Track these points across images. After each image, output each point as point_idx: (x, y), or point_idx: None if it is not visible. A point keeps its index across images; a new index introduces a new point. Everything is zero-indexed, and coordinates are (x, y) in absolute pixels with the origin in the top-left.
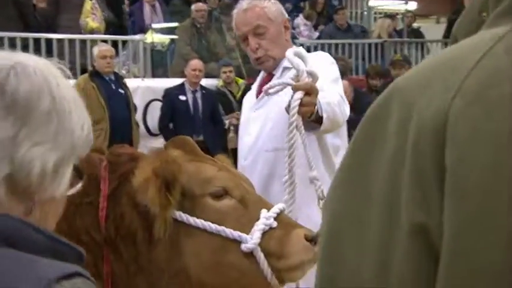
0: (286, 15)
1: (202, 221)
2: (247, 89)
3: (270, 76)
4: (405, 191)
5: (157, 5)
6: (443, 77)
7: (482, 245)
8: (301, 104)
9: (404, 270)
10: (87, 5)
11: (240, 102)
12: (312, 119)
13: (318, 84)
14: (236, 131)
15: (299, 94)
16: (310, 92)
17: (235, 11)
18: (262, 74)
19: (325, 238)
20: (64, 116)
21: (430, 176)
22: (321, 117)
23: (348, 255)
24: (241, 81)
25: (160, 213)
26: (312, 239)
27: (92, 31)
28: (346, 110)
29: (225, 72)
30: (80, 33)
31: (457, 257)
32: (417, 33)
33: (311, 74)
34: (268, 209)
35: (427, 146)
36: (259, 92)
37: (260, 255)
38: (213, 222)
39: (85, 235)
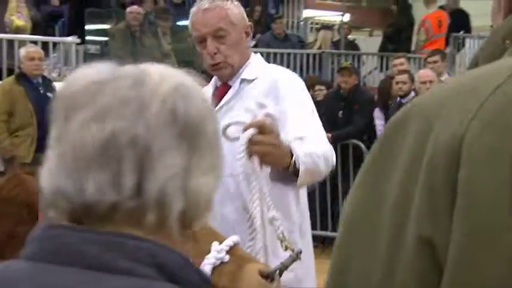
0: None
1: None
2: None
3: (225, 87)
4: (416, 204)
5: None
6: (463, 98)
7: (488, 259)
8: (252, 143)
9: (408, 279)
10: (12, 3)
11: None
12: (289, 169)
13: (295, 121)
14: None
15: (250, 131)
16: (263, 130)
17: (193, 10)
18: (215, 82)
19: (339, 239)
20: (219, 138)
21: (442, 192)
22: (298, 169)
23: (357, 259)
24: None
25: None
26: (267, 276)
27: (18, 30)
28: (332, 160)
29: None
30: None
31: (462, 270)
32: (353, 45)
33: (270, 116)
34: (221, 242)
35: (442, 164)
36: (218, 102)
37: None
38: None
39: None
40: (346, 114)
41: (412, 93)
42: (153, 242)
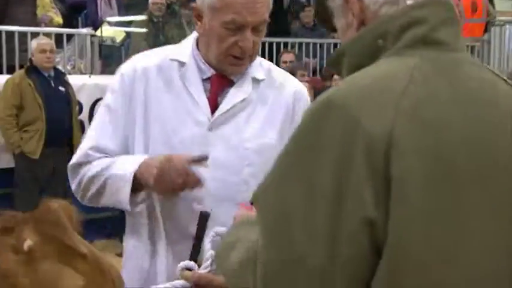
0: None
1: None
2: None
3: (225, 80)
4: (357, 189)
5: None
6: (380, 97)
7: (419, 238)
8: None
9: (350, 255)
10: None
11: None
12: None
13: None
14: None
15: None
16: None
17: None
18: (199, 70)
19: (271, 228)
20: None
21: (380, 180)
22: None
23: (296, 242)
24: None
25: None
26: None
27: (58, 25)
28: None
29: None
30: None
31: (397, 250)
32: None
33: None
34: None
35: (378, 156)
36: (212, 101)
37: None
38: None
39: None
40: None
41: None
42: None
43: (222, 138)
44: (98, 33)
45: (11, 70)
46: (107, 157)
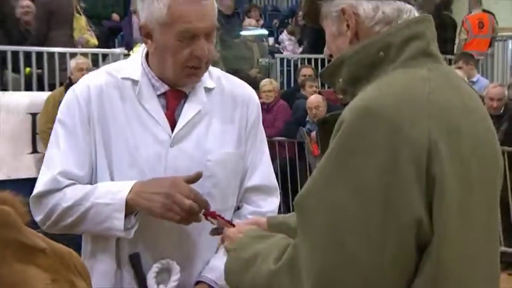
0: None
1: None
2: None
3: (179, 93)
4: (405, 190)
5: None
6: (412, 105)
7: (456, 234)
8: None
9: (399, 253)
10: (81, 21)
11: None
12: None
13: (260, 167)
14: None
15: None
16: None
17: None
18: (152, 86)
19: (320, 232)
20: None
21: (424, 181)
22: None
23: (347, 244)
24: None
25: None
26: None
27: (94, 47)
28: None
29: None
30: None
31: (445, 242)
32: None
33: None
34: None
35: (421, 159)
36: (170, 116)
37: None
38: None
39: None
40: None
41: None
42: None
43: (185, 153)
44: (131, 52)
45: (52, 87)
46: (76, 184)
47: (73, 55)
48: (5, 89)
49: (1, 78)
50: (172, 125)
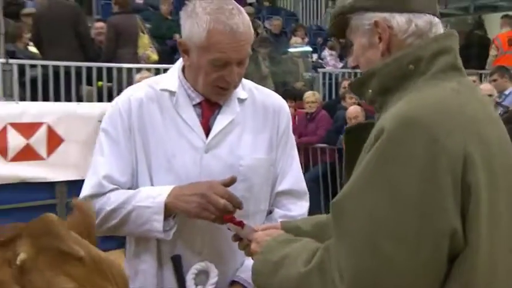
0: None
1: None
2: None
3: (213, 104)
4: (442, 199)
5: None
6: (447, 116)
7: (494, 237)
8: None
9: (431, 260)
10: (145, 39)
11: None
12: None
13: (291, 172)
14: None
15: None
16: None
17: (216, 21)
18: (188, 97)
19: (361, 234)
20: None
21: (460, 190)
22: None
23: (384, 248)
24: None
25: None
26: None
27: (154, 62)
28: None
29: None
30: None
31: (479, 251)
32: None
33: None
34: None
35: (457, 169)
36: (205, 125)
37: None
38: None
39: None
40: None
41: None
42: None
43: (219, 158)
44: None
45: None
46: (119, 189)
47: (138, 70)
48: (80, 101)
49: (77, 91)
50: (207, 132)
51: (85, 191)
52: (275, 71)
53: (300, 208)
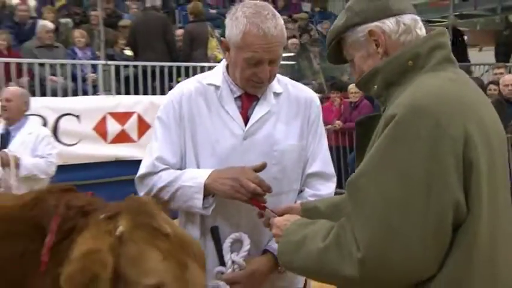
0: None
1: None
2: (321, 101)
3: (251, 97)
4: (445, 176)
5: None
6: (447, 103)
7: (493, 206)
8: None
9: (437, 231)
10: (213, 42)
11: None
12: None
13: (320, 156)
14: None
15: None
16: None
17: (252, 24)
18: (230, 90)
19: (373, 208)
20: None
21: (462, 166)
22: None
23: (394, 220)
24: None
25: None
26: None
27: (219, 61)
28: None
29: None
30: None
31: (480, 218)
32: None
33: (238, 264)
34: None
35: (459, 149)
36: (244, 115)
37: None
38: None
39: (27, 283)
40: None
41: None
42: None
43: (255, 145)
44: None
45: None
46: (169, 169)
47: (209, 68)
48: (164, 94)
49: (162, 86)
50: (246, 122)
51: (141, 170)
52: (325, 66)
53: (327, 188)
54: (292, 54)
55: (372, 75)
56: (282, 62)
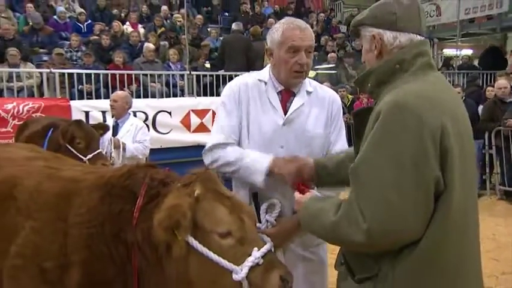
0: None
1: (208, 250)
2: (353, 101)
3: (289, 92)
4: (428, 159)
5: None
6: (427, 101)
7: (463, 182)
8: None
9: (424, 201)
10: (267, 56)
11: (348, 109)
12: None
13: (340, 139)
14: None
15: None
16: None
17: (286, 26)
18: (271, 83)
19: (372, 189)
20: None
21: (439, 150)
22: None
23: (389, 194)
24: (350, 96)
25: (174, 243)
26: (283, 279)
27: None
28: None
29: (340, 91)
30: None
31: (453, 190)
32: (474, 68)
33: (270, 222)
34: (259, 248)
35: (437, 138)
36: (283, 106)
37: (245, 285)
38: (215, 253)
39: (122, 235)
40: None
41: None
42: None
43: (291, 130)
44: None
45: None
46: (233, 145)
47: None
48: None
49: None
50: (285, 112)
51: (209, 143)
52: (357, 72)
53: None
54: (332, 65)
55: (367, 75)
56: (325, 71)
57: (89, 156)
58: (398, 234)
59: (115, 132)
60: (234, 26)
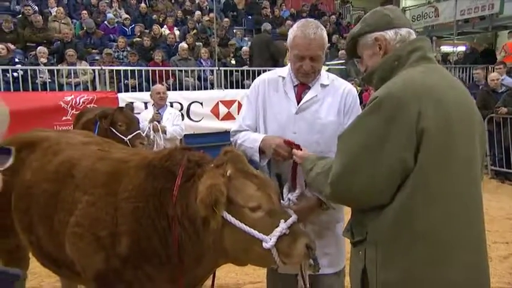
0: None
1: (240, 223)
2: (362, 92)
3: (304, 86)
4: (398, 138)
5: None
6: (409, 88)
7: (445, 161)
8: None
9: (387, 174)
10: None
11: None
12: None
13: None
14: None
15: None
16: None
17: (299, 33)
18: (290, 78)
19: (347, 155)
20: None
21: (415, 133)
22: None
23: (358, 163)
24: (359, 88)
25: (212, 218)
26: (309, 247)
27: None
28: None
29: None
30: None
31: (429, 165)
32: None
33: (292, 201)
34: (286, 220)
35: (413, 120)
36: (298, 98)
37: (274, 252)
38: (247, 225)
39: (163, 209)
40: None
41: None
42: None
43: (304, 118)
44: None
45: None
46: (248, 130)
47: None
48: None
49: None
50: (299, 102)
51: (233, 128)
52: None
53: None
54: (342, 61)
55: (372, 73)
56: (335, 67)
57: (129, 136)
58: (359, 194)
59: (159, 121)
60: (263, 26)
